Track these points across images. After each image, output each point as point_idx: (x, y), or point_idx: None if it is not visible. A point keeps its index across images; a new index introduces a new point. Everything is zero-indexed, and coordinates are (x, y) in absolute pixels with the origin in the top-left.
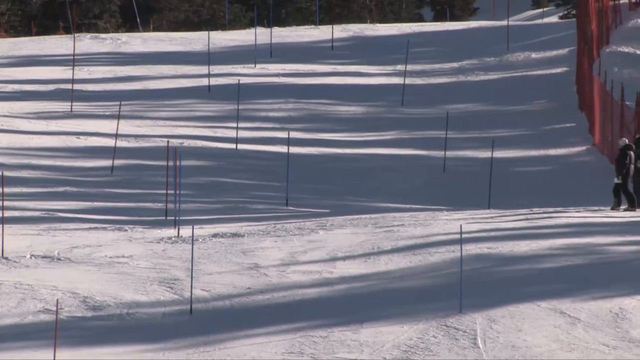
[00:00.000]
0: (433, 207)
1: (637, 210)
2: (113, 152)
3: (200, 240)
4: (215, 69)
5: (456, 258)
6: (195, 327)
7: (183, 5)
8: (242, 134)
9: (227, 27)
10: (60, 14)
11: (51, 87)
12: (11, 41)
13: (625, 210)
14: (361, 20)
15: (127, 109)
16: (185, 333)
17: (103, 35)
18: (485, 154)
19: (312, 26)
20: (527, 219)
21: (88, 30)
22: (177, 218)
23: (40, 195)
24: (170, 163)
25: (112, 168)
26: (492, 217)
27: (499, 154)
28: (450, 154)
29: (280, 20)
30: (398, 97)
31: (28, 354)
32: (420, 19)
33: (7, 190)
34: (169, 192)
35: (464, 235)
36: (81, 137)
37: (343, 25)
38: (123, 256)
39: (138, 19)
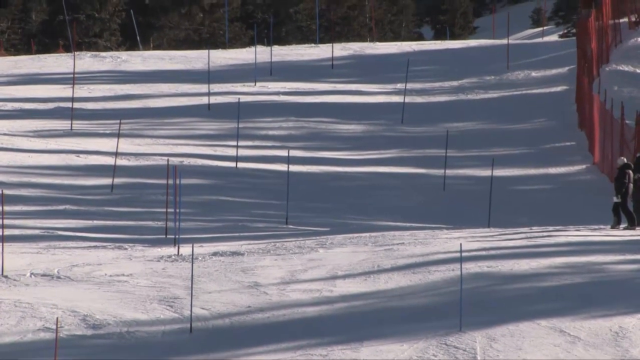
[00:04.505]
0: (433, 225)
1: (637, 229)
2: (113, 170)
3: (200, 258)
4: (215, 87)
5: (456, 276)
6: (195, 346)
7: (183, 23)
8: (242, 152)
9: (227, 45)
10: (60, 33)
11: (51, 105)
12: (11, 59)
13: (625, 229)
14: (361, 39)
15: (127, 128)
16: (185, 352)
17: (103, 54)
18: (485, 172)
19: (312, 45)
20: (527, 238)
21: (88, 49)
22: (177, 236)
23: (40, 214)
24: (170, 181)
25: (112, 186)
26: (492, 236)
27: (499, 172)
28: (450, 172)
29: (280, 39)
30: (398, 116)
31: None
32: (420, 37)
33: (7, 208)
34: (169, 210)
35: (463, 254)
36: (81, 155)
37: (343, 44)
38: (123, 274)
39: (138, 38)
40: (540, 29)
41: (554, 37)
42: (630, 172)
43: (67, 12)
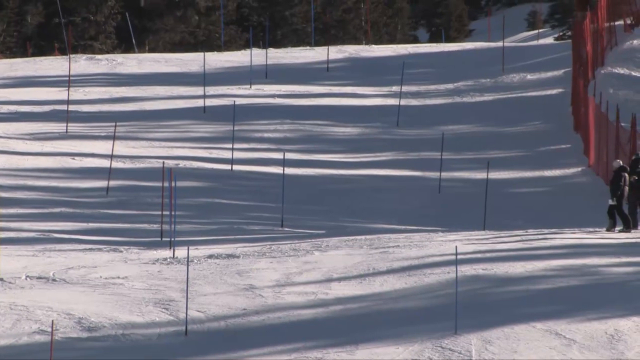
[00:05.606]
0: (428, 228)
1: (632, 231)
2: (108, 173)
3: (196, 261)
4: (211, 90)
5: (451, 279)
6: (190, 348)
7: (179, 26)
8: (238, 154)
9: (222, 48)
10: (55, 35)
11: (46, 108)
12: (6, 62)
13: (620, 231)
14: (357, 41)
15: (122, 130)
16: (181, 354)
17: (98, 57)
18: (480, 175)
19: (308, 47)
20: (522, 240)
21: (84, 52)
22: (173, 239)
23: (35, 216)
24: (166, 184)
25: (108, 189)
26: (487, 238)
27: (494, 175)
28: (445, 175)
29: (275, 42)
30: (393, 118)
31: None
32: (415, 40)
33: (2, 211)
34: (164, 213)
35: (459, 257)
36: (76, 158)
37: (339, 47)
38: (118, 277)
39: (134, 40)
40: (536, 31)
41: (549, 40)
42: (626, 174)
43: (63, 15)
